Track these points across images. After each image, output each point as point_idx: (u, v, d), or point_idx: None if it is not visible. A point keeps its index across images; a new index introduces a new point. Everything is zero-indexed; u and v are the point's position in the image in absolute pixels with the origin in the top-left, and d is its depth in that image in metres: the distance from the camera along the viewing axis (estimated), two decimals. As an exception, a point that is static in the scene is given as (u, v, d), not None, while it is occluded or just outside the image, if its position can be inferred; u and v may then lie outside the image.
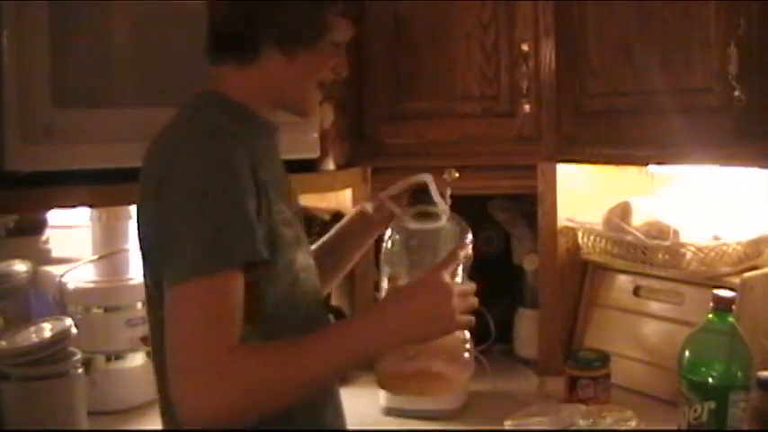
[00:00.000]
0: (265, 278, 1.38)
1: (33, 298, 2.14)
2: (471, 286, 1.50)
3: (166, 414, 1.49)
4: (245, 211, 1.31)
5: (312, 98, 1.55)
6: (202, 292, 1.26)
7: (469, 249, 1.60)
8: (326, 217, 2.36)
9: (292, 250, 1.46)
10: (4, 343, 1.85)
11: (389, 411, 2.08)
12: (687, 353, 1.64)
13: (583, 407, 1.92)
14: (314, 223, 2.30)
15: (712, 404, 1.58)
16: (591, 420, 1.83)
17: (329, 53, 1.51)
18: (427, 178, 1.68)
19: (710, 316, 1.64)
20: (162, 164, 1.35)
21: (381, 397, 2.09)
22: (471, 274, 2.22)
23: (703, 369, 1.61)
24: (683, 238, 2.06)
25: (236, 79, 1.47)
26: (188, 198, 1.30)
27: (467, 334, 1.57)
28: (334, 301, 2.37)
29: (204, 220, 1.28)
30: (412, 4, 2.23)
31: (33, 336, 1.86)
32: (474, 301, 1.47)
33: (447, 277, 1.41)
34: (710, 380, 1.60)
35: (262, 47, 1.46)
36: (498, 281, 2.52)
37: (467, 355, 1.57)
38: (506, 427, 1.90)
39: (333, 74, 1.54)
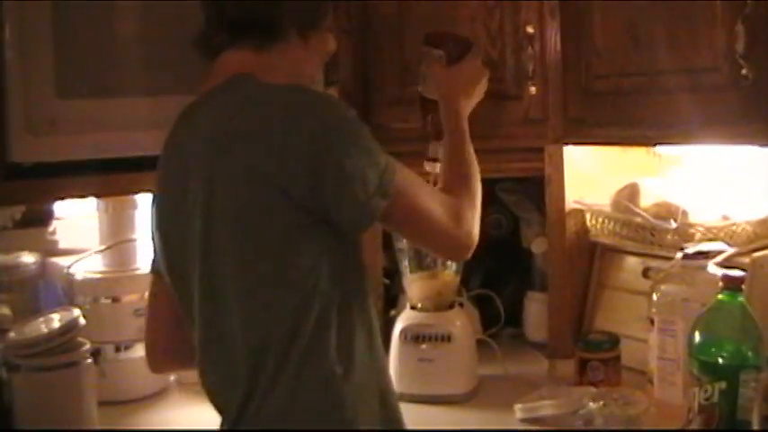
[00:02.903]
0: None
1: (42, 289, 2.15)
2: None
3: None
4: None
5: (317, 77, 1.63)
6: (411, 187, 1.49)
7: None
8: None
9: None
10: (13, 334, 1.86)
11: (400, 397, 2.07)
12: (697, 333, 1.63)
13: (593, 389, 1.92)
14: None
15: (723, 384, 1.57)
16: (601, 403, 1.83)
17: (327, 33, 1.60)
18: None
19: (720, 296, 1.63)
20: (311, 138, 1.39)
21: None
22: (479, 257, 2.23)
23: (713, 349, 1.60)
24: (692, 219, 2.05)
25: (258, 63, 1.49)
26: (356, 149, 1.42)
27: None
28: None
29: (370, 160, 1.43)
30: (415, -12, 2.23)
31: (42, 327, 1.86)
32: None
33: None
34: (721, 360, 1.59)
35: (283, 31, 1.51)
36: (507, 264, 2.53)
37: None
38: (517, 411, 1.90)
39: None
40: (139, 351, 2.08)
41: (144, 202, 2.14)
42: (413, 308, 2.15)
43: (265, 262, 1.41)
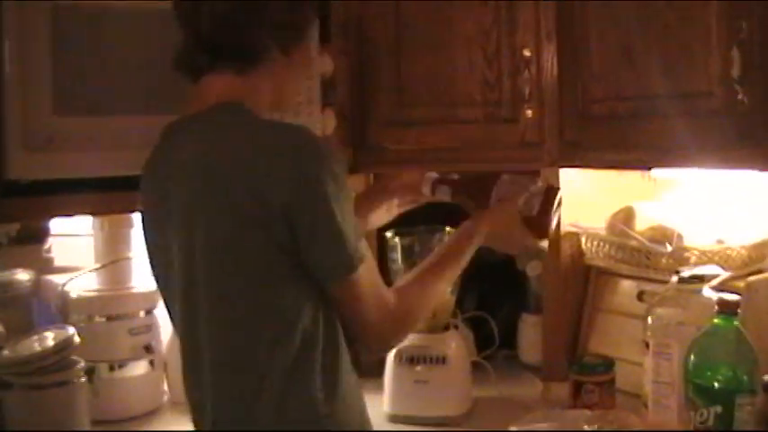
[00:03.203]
0: None
1: (36, 307, 2.14)
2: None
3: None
4: None
5: (299, 93, 1.60)
6: (367, 271, 1.45)
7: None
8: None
9: None
10: (6, 352, 1.85)
11: (394, 418, 2.07)
12: (693, 357, 1.63)
13: (588, 412, 1.91)
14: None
15: (718, 408, 1.57)
16: (596, 426, 1.82)
17: (313, 46, 1.60)
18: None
19: (716, 320, 1.63)
20: (292, 171, 1.37)
21: (385, 404, 2.08)
22: (474, 279, 2.23)
23: (709, 373, 1.60)
24: (687, 243, 2.06)
25: (243, 88, 1.48)
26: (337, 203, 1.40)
27: None
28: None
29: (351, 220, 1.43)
30: (413, 10, 2.22)
31: (36, 345, 1.86)
32: None
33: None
34: (716, 384, 1.59)
35: (265, 52, 1.48)
36: (502, 287, 2.53)
37: None
38: (511, 434, 1.89)
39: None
40: (133, 370, 2.08)
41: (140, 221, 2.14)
42: (407, 329, 2.15)
43: (243, 301, 1.42)
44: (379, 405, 2.07)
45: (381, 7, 2.22)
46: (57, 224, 2.23)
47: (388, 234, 2.10)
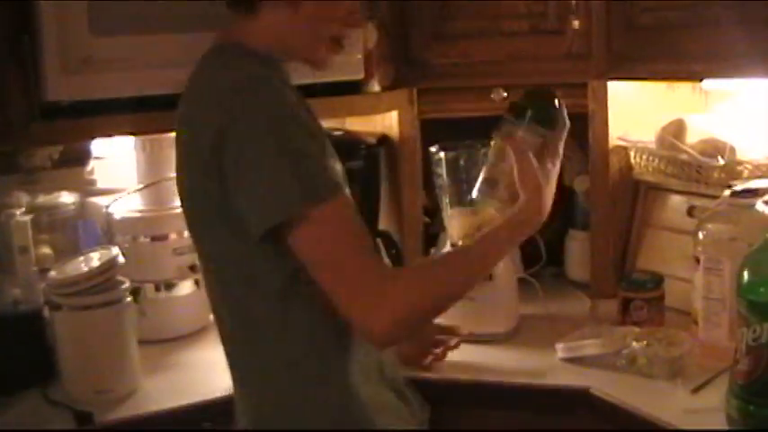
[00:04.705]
0: None
1: (81, 228, 2.15)
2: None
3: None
4: (322, 148, 1.37)
5: (320, 51, 1.52)
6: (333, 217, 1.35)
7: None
8: (372, 140, 2.33)
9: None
10: (54, 273, 1.86)
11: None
12: (746, 273, 1.59)
13: (636, 329, 1.89)
14: (360, 147, 2.27)
15: (772, 325, 1.53)
16: (645, 342, 1.80)
17: (336, 3, 1.48)
18: None
19: (769, 235, 1.59)
20: (220, 113, 1.35)
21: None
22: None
23: (762, 289, 1.56)
24: (740, 156, 2.00)
25: (251, 30, 1.46)
26: (267, 139, 1.32)
27: None
28: (381, 225, 2.35)
29: (298, 156, 1.32)
30: None
31: (82, 265, 1.86)
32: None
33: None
34: (770, 300, 1.55)
35: None
36: (548, 202, 2.49)
37: None
38: (558, 351, 1.88)
39: (345, 26, 1.52)
40: (179, 290, 2.09)
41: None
42: (453, 245, 2.12)
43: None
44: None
45: None
46: (98, 146, 2.23)
47: (433, 149, 2.06)
